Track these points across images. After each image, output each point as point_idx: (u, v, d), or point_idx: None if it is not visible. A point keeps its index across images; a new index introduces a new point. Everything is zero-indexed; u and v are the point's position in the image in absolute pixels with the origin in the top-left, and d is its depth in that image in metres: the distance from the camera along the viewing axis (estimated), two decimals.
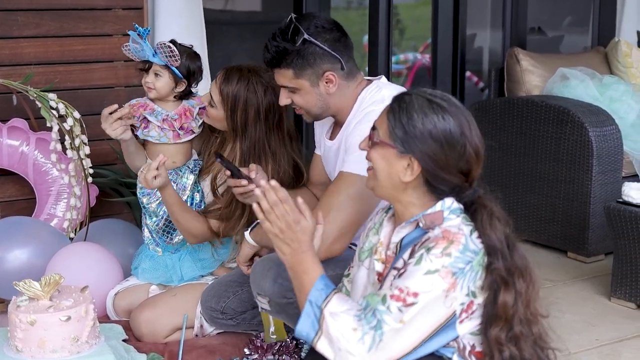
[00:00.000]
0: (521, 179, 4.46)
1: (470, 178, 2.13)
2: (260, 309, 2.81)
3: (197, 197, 3.26)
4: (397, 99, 2.15)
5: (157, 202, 3.22)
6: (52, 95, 3.59)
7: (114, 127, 3.07)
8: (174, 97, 3.21)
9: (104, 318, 3.30)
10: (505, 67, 4.80)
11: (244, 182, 2.77)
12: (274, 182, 2.17)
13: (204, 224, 3.13)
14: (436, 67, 4.74)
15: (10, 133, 3.72)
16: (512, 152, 4.46)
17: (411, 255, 2.10)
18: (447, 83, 4.75)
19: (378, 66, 4.26)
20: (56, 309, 2.77)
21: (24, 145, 3.74)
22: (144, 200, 3.23)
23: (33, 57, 3.90)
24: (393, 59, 6.32)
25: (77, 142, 3.61)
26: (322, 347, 2.05)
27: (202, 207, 3.23)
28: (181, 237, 3.25)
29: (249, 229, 2.84)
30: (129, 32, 3.10)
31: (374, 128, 2.18)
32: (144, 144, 3.27)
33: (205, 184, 3.28)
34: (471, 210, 2.12)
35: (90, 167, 3.68)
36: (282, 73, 2.70)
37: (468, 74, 5.72)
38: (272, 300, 2.70)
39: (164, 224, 3.24)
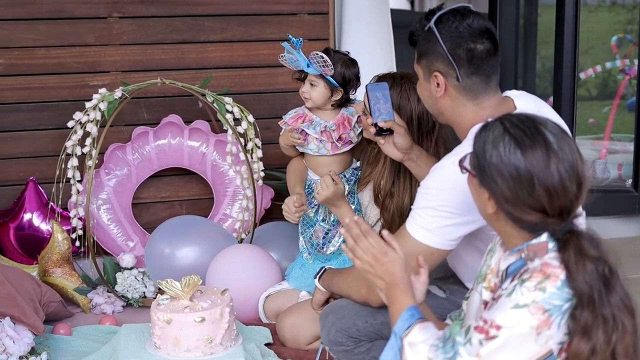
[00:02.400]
0: None
1: (553, 214, 1.93)
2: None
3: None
4: (483, 126, 2.01)
5: (314, 211, 3.24)
6: (227, 99, 3.69)
7: (296, 217, 3.17)
8: (332, 105, 3.19)
9: (256, 320, 3.36)
10: None
11: (370, 120, 2.73)
12: (357, 217, 2.13)
13: None
14: None
15: (191, 134, 3.87)
16: None
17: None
18: None
19: (563, 88, 3.92)
20: (192, 309, 2.84)
21: (203, 146, 3.88)
22: None
23: (219, 61, 4.04)
24: (608, 65, 5.96)
25: (249, 145, 3.70)
26: None
27: None
28: (334, 248, 3.25)
29: (318, 276, 2.79)
30: (282, 44, 3.12)
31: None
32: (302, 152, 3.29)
33: (363, 195, 3.23)
34: (560, 247, 1.93)
35: (262, 170, 3.75)
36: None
37: None
38: (331, 349, 2.66)
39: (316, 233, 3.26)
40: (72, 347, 3.22)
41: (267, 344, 3.15)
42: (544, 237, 1.96)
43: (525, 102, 2.48)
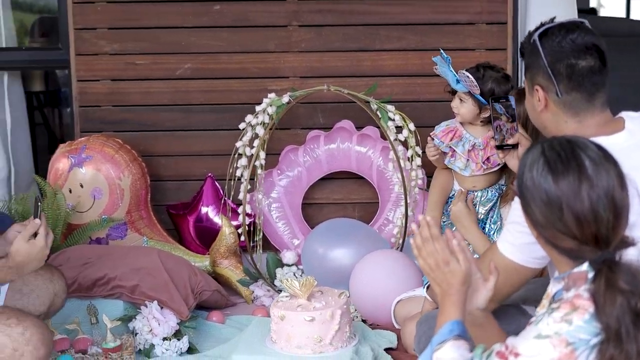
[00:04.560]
0: None
1: (586, 241, 1.86)
2: None
3: (492, 227, 3.20)
4: (527, 148, 1.99)
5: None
6: (390, 107, 3.77)
7: None
8: (481, 122, 3.19)
9: (390, 324, 3.42)
10: None
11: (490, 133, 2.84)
12: (429, 218, 2.14)
13: None
14: None
15: (360, 140, 3.99)
16: None
17: None
18: None
19: None
20: (304, 308, 2.98)
21: (370, 151, 3.99)
22: None
23: (393, 69, 4.13)
24: None
25: (409, 153, 3.76)
26: None
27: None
28: None
29: (425, 287, 2.76)
30: (433, 59, 3.17)
31: None
32: None
33: (505, 211, 3.20)
34: (593, 278, 1.86)
35: (421, 178, 3.80)
36: None
37: None
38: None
39: None
40: (221, 334, 3.45)
41: (390, 349, 3.21)
42: (585, 266, 1.90)
43: (637, 125, 2.37)
